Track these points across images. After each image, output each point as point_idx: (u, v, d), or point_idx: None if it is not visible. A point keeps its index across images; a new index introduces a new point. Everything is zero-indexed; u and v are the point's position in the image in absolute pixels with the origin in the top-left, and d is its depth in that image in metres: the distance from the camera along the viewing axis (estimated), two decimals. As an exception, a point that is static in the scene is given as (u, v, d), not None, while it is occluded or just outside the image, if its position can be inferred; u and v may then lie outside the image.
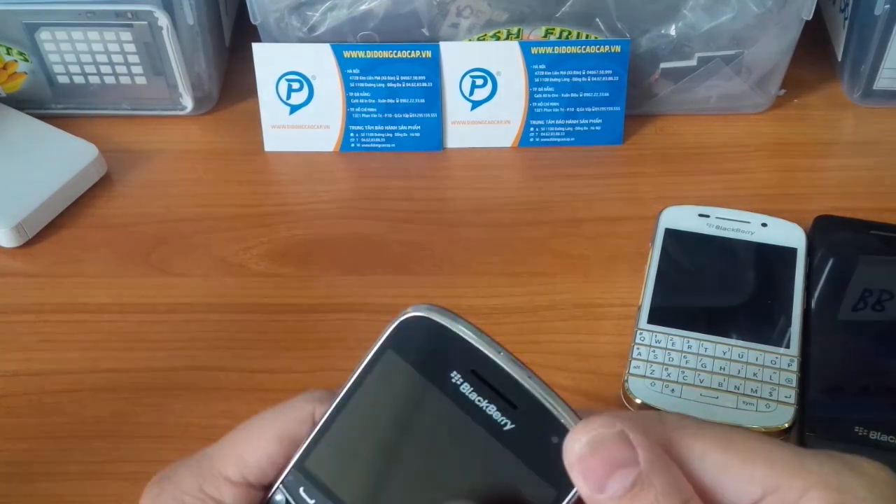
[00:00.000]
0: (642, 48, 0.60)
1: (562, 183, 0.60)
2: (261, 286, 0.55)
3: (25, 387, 0.50)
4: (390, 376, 0.29)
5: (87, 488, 0.46)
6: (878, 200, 0.58)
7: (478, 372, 0.27)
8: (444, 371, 0.28)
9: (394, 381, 0.29)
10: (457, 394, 0.27)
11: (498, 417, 0.27)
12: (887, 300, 0.50)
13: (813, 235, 0.54)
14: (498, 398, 0.27)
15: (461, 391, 0.28)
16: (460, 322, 0.28)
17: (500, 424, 0.27)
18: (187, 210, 0.59)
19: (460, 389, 0.28)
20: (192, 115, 0.65)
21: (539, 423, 0.27)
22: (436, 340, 0.28)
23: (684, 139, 0.63)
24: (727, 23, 0.58)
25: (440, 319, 0.28)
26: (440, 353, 0.28)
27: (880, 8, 0.59)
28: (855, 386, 0.48)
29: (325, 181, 0.61)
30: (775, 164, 0.61)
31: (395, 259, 0.56)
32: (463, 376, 0.28)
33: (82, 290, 0.55)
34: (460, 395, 0.27)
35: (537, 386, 0.27)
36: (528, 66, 0.60)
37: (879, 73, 0.62)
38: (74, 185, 0.59)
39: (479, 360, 0.27)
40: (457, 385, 0.28)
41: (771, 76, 0.62)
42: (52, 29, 0.60)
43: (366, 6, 0.58)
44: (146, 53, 0.61)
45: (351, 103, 0.61)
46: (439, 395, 0.28)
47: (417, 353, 0.28)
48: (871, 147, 0.62)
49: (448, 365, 0.28)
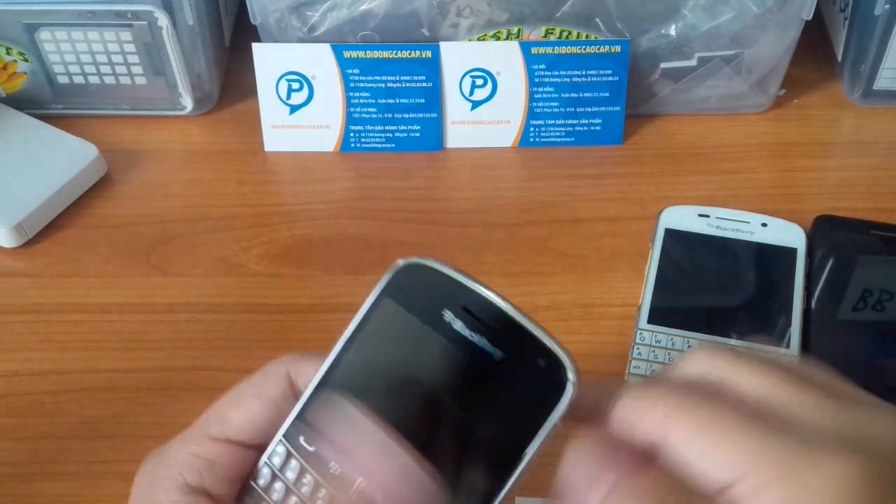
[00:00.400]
0: (642, 48, 0.60)
1: (562, 183, 0.60)
2: (260, 286, 0.55)
3: (25, 387, 0.50)
4: (387, 321, 0.31)
5: (87, 488, 0.46)
6: (878, 200, 0.58)
7: (468, 308, 0.29)
8: (437, 311, 0.30)
9: (391, 325, 0.31)
10: (450, 331, 0.29)
11: (489, 349, 0.29)
12: (887, 300, 0.50)
13: (813, 235, 0.54)
14: (488, 330, 0.29)
15: (454, 328, 0.29)
16: (449, 266, 0.30)
17: (491, 355, 0.29)
18: (187, 210, 0.59)
19: (453, 327, 0.29)
20: (192, 115, 0.65)
21: (526, 350, 0.28)
22: (428, 284, 0.31)
23: (684, 139, 0.63)
24: (727, 23, 0.58)
25: (431, 264, 0.31)
26: (432, 295, 0.30)
27: (880, 8, 0.59)
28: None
29: (324, 181, 0.61)
30: (775, 164, 0.61)
31: (394, 259, 0.56)
32: (455, 314, 0.30)
33: (82, 290, 0.55)
34: (453, 331, 0.29)
35: (522, 316, 0.29)
36: (528, 66, 0.60)
37: (879, 73, 0.62)
38: (74, 185, 0.59)
39: (468, 296, 0.29)
40: (450, 323, 0.30)
41: (771, 76, 0.62)
42: (52, 29, 0.60)
43: (366, 6, 0.58)
44: (146, 53, 0.61)
45: (351, 103, 0.61)
46: (434, 334, 0.30)
47: (411, 298, 0.31)
48: (871, 147, 0.62)
49: (440, 305, 0.30)
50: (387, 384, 0.31)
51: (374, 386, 0.31)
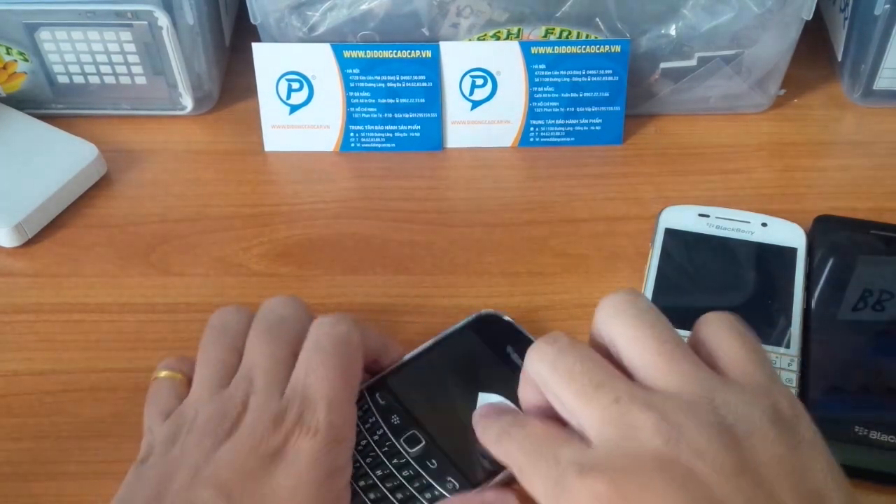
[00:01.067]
0: (642, 48, 0.60)
1: (562, 183, 0.60)
2: (260, 286, 0.55)
3: (25, 387, 0.50)
4: (464, 344, 0.48)
5: (86, 488, 0.46)
6: (878, 200, 0.58)
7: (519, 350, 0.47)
8: (503, 346, 0.47)
9: (466, 346, 0.48)
10: (508, 359, 0.47)
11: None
12: (887, 300, 0.50)
13: (813, 235, 0.54)
14: None
15: (511, 358, 0.47)
16: (512, 320, 0.49)
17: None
18: (187, 210, 0.59)
19: (511, 357, 0.47)
20: (192, 115, 0.65)
21: None
22: (499, 328, 0.49)
23: (684, 139, 0.63)
24: (727, 23, 0.58)
25: (503, 316, 0.49)
26: (501, 336, 0.48)
27: (880, 8, 0.59)
28: (855, 386, 0.48)
29: (325, 181, 0.61)
30: (775, 164, 0.61)
31: (395, 259, 0.56)
32: (513, 350, 0.47)
33: (82, 290, 0.55)
34: (510, 360, 0.47)
35: None
36: (528, 66, 0.60)
37: (879, 73, 0.62)
38: (74, 185, 0.59)
39: (523, 341, 0.47)
40: (509, 354, 0.47)
41: (771, 76, 0.62)
42: (52, 29, 0.60)
43: (366, 6, 0.58)
44: (146, 53, 0.61)
45: (351, 103, 0.61)
46: (495, 359, 0.47)
47: (484, 333, 0.48)
48: (871, 147, 0.62)
49: (505, 342, 0.48)
50: (444, 383, 0.46)
51: (433, 382, 0.46)
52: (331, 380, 0.41)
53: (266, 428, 0.40)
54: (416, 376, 0.46)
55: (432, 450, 0.43)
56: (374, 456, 0.43)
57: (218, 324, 0.46)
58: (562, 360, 0.36)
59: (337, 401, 0.41)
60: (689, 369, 0.35)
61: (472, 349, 0.48)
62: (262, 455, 0.39)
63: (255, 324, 0.45)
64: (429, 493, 0.41)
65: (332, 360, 0.42)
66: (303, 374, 0.42)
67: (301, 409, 0.40)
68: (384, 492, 0.42)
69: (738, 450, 0.32)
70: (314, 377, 0.41)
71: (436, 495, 0.41)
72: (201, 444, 0.39)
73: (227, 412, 0.40)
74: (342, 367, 0.42)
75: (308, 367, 0.42)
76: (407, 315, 0.53)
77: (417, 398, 0.45)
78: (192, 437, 0.40)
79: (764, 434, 0.33)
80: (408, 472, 0.42)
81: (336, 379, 0.42)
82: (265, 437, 0.39)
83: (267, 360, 0.43)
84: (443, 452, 0.43)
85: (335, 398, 0.41)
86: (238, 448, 0.39)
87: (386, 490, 0.42)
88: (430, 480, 0.42)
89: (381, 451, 0.43)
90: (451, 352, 0.48)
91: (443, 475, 0.42)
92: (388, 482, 0.42)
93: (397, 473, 0.42)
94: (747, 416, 0.33)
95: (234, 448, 0.39)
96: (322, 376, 0.41)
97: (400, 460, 0.43)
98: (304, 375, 0.42)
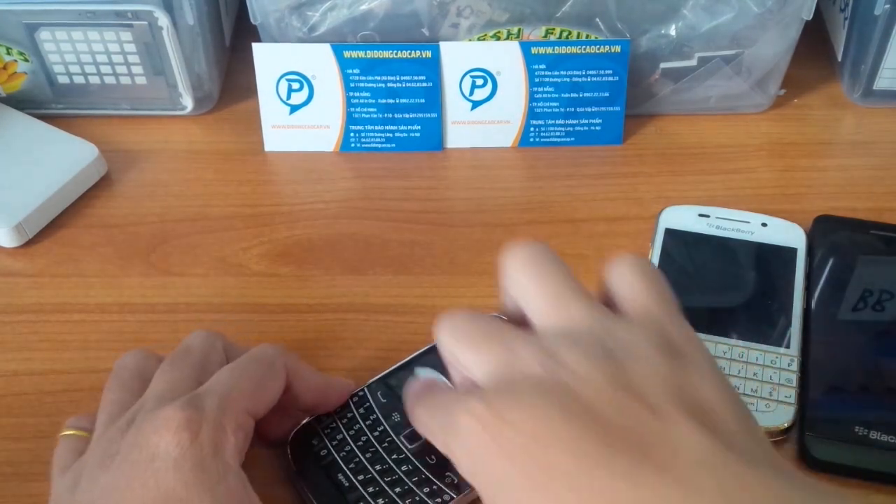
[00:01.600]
0: (642, 48, 0.60)
1: (562, 183, 0.60)
2: (260, 286, 0.55)
3: (25, 387, 0.50)
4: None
5: (86, 488, 0.46)
6: (878, 200, 0.58)
7: None
8: None
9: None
10: None
11: None
12: (887, 300, 0.50)
13: (813, 235, 0.54)
14: None
15: None
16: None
17: None
18: (187, 210, 0.59)
19: None
20: (192, 115, 0.65)
21: None
22: None
23: (684, 139, 0.63)
24: (727, 23, 0.58)
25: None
26: None
27: (880, 8, 0.59)
28: (855, 386, 0.48)
29: (325, 181, 0.61)
30: (775, 164, 0.61)
31: (395, 259, 0.56)
32: None
33: (82, 290, 0.55)
34: None
35: None
36: (528, 66, 0.60)
37: (879, 73, 0.62)
38: (74, 185, 0.59)
39: None
40: None
41: (771, 76, 0.62)
42: (52, 29, 0.60)
43: (366, 6, 0.58)
44: (146, 53, 0.61)
45: (351, 103, 0.61)
46: None
47: None
48: (871, 147, 0.62)
49: None
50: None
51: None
52: (232, 384, 0.40)
53: (147, 435, 0.37)
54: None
55: (431, 445, 0.43)
56: (374, 451, 0.44)
57: (117, 368, 0.44)
58: (459, 326, 0.37)
59: (233, 407, 0.39)
60: (579, 310, 0.36)
61: None
62: (137, 461, 0.37)
63: (165, 359, 0.43)
64: (427, 487, 0.42)
65: (240, 371, 0.41)
66: (206, 385, 0.40)
67: (189, 411, 0.38)
68: (383, 485, 0.43)
69: (620, 370, 0.33)
70: (216, 382, 0.40)
71: (434, 490, 0.42)
72: (95, 481, 0.38)
73: (112, 440, 0.39)
74: (251, 378, 0.41)
75: (215, 378, 0.41)
76: (407, 315, 0.53)
77: None
78: (85, 477, 0.38)
79: (648, 357, 0.33)
80: (407, 466, 0.43)
81: (241, 383, 0.40)
82: (146, 443, 0.37)
83: (163, 385, 0.41)
84: None
85: (232, 402, 0.39)
86: (118, 470, 0.37)
87: (385, 484, 0.43)
88: (429, 475, 0.43)
89: (381, 447, 0.44)
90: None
91: (441, 470, 0.43)
92: (387, 476, 0.43)
93: (396, 468, 0.43)
94: (632, 343, 0.34)
95: (116, 473, 0.37)
96: (223, 381, 0.40)
97: (399, 455, 0.44)
98: (207, 385, 0.40)
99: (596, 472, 0.30)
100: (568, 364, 0.33)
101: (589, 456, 0.30)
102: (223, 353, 0.44)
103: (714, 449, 0.30)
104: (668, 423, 0.31)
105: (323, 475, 0.44)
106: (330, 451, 0.44)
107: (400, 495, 0.42)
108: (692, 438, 0.30)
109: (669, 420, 0.31)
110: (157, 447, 0.37)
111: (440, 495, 0.42)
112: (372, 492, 0.42)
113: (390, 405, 0.46)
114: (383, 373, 0.47)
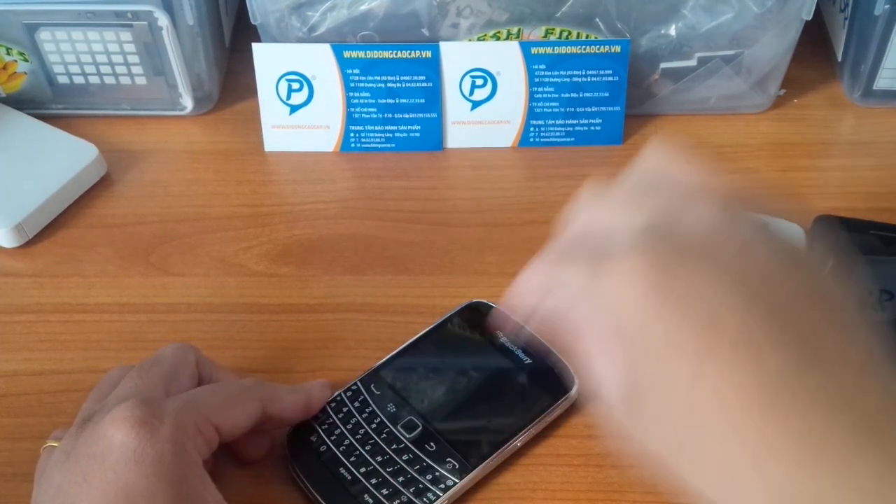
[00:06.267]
0: (642, 48, 0.60)
1: (562, 183, 0.60)
2: (260, 286, 0.55)
3: (25, 387, 0.50)
4: (454, 332, 0.50)
5: (86, 488, 0.46)
6: (878, 200, 0.58)
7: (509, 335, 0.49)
8: (492, 331, 0.49)
9: (455, 334, 0.50)
10: (500, 345, 0.49)
11: (524, 357, 0.48)
12: (887, 300, 0.50)
13: (813, 235, 0.54)
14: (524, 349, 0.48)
15: (505, 344, 0.49)
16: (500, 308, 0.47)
17: (524, 361, 0.48)
18: (187, 210, 0.59)
19: (504, 343, 0.49)
20: (192, 115, 0.65)
21: (547, 364, 0.48)
22: (488, 317, 0.50)
23: (684, 139, 0.63)
24: (727, 23, 0.58)
25: (492, 305, 0.50)
26: (490, 323, 0.49)
27: (880, 8, 0.59)
28: (855, 386, 0.48)
29: (325, 181, 0.61)
30: (775, 164, 0.61)
31: (395, 259, 0.56)
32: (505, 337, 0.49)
33: (82, 290, 0.55)
34: (503, 345, 0.49)
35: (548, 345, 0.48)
36: (528, 66, 0.60)
37: (879, 73, 0.62)
38: (74, 185, 0.59)
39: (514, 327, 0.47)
40: (499, 338, 0.49)
41: (771, 76, 0.62)
42: (52, 29, 0.60)
43: (366, 6, 0.58)
44: (146, 53, 0.61)
45: (351, 103, 0.61)
46: (487, 345, 0.49)
47: (473, 322, 0.50)
48: (871, 147, 0.62)
49: (495, 328, 0.49)
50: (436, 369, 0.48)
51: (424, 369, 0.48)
52: (198, 395, 0.40)
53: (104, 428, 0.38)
54: (408, 365, 0.48)
55: (430, 433, 0.45)
56: (374, 443, 0.44)
57: (100, 381, 0.44)
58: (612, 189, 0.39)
59: (198, 412, 0.39)
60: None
61: (462, 336, 0.50)
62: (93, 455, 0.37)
63: (134, 367, 0.43)
64: (429, 474, 0.43)
65: (210, 389, 0.42)
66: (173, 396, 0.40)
67: (150, 407, 0.38)
68: (385, 476, 0.43)
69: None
70: (184, 394, 0.40)
71: (437, 476, 0.43)
72: (51, 480, 0.38)
73: (69, 437, 0.39)
74: (218, 394, 0.41)
75: (184, 393, 0.41)
76: (407, 315, 0.53)
77: (411, 386, 0.47)
78: (44, 479, 0.39)
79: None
80: (407, 455, 0.44)
81: (208, 398, 0.41)
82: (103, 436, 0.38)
83: (127, 390, 0.41)
84: (440, 435, 0.45)
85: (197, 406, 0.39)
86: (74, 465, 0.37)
87: (387, 474, 0.43)
88: (430, 462, 0.43)
89: (380, 439, 0.45)
90: (442, 340, 0.50)
91: (441, 456, 0.44)
92: (388, 467, 0.43)
93: (397, 458, 0.44)
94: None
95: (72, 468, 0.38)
96: (192, 392, 0.40)
97: (399, 445, 0.44)
98: (174, 396, 0.40)
99: (765, 356, 0.29)
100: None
101: (757, 335, 0.30)
102: (195, 366, 0.44)
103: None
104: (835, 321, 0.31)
105: (324, 470, 0.44)
106: (329, 446, 0.45)
107: (403, 484, 0.43)
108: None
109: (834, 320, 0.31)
110: (114, 440, 0.37)
111: (443, 481, 0.43)
112: (375, 483, 0.43)
113: (384, 396, 0.46)
114: (374, 366, 0.48)
